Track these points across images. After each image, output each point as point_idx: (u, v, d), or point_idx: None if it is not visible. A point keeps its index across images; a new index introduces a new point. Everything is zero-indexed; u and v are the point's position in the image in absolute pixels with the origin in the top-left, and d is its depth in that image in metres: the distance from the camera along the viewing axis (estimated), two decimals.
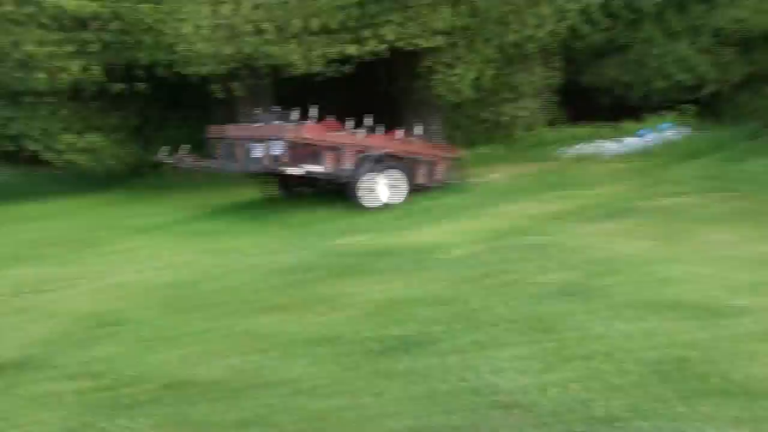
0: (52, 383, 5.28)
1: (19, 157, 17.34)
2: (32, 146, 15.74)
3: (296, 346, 5.70)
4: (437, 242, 8.83)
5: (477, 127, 16.48)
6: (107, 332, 6.31)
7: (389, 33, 13.72)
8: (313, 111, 11.64)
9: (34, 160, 16.62)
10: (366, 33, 13.82)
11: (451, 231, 9.43)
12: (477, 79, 14.84)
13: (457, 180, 12.55)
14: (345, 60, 13.70)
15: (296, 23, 13.41)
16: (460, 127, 16.32)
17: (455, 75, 14.57)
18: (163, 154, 12.34)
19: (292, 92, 14.91)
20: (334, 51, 13.56)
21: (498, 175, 13.25)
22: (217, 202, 12.77)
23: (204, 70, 13.62)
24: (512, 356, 5.11)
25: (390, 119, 13.28)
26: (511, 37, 14.91)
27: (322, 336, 5.88)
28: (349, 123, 11.85)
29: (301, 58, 13.44)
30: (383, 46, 13.75)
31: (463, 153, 13.47)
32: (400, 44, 13.82)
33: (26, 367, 5.61)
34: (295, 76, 13.83)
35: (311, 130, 11.29)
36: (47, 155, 15.79)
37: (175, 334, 6.17)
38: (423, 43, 14.05)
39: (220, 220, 11.35)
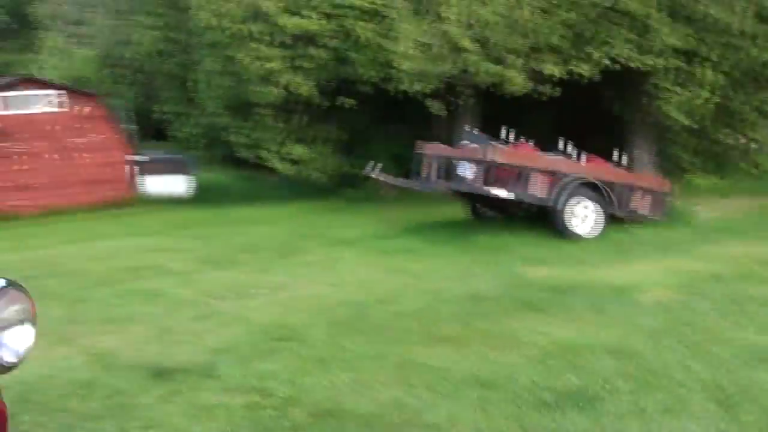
0: (210, 395, 5.41)
1: (246, 163, 18.66)
2: (250, 154, 16.84)
3: (454, 385, 5.43)
4: (629, 282, 8.14)
5: (695, 156, 15.19)
6: (273, 347, 6.41)
7: (615, 51, 12.99)
8: (512, 133, 11.29)
9: (258, 165, 17.77)
10: (590, 50, 13.20)
11: (647, 271, 8.66)
12: (705, 102, 13.67)
13: (663, 214, 11.57)
14: (563, 80, 13.17)
15: (515, 40, 13.10)
16: (674, 156, 15.15)
17: (683, 96, 13.49)
18: (369, 169, 12.60)
19: (501, 111, 14.63)
20: (554, 69, 13.07)
21: (714, 211, 12.07)
22: (413, 220, 12.80)
23: (417, 87, 13.74)
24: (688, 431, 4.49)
25: (598, 144, 12.57)
26: (753, 56, 13.54)
27: (484, 377, 5.56)
28: (554, 146, 11.34)
29: (518, 76, 13.11)
30: (605, 65, 13.04)
31: (673, 184, 12.39)
32: (625, 63, 13.03)
33: (192, 375, 5.81)
34: (506, 94, 13.54)
35: (507, 153, 10.95)
36: (267, 163, 16.81)
37: (335, 356, 6.13)
38: (650, 63, 13.14)
39: (412, 238, 11.31)
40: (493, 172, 10.79)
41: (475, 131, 12.61)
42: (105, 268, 9.91)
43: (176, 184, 17.38)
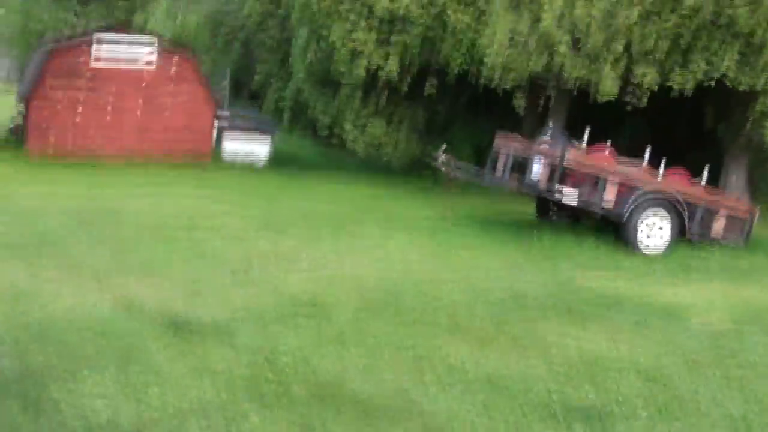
0: (219, 357, 5.38)
1: (326, 136, 18.69)
2: (330, 128, 16.90)
3: (465, 384, 5.23)
4: (683, 304, 7.71)
5: None
6: (297, 320, 6.34)
7: (716, 66, 12.21)
8: (592, 136, 10.86)
9: (338, 140, 17.75)
10: (688, 62, 12.46)
11: (707, 295, 8.17)
12: None
13: (743, 239, 10.90)
14: (659, 90, 12.52)
15: (610, 44, 12.54)
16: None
17: None
18: (438, 155, 12.36)
19: (594, 116, 14.06)
20: (648, 78, 12.43)
21: None
22: (479, 212, 12.54)
23: (503, 80, 13.40)
24: None
25: (692, 161, 11.89)
26: None
27: (499, 380, 5.34)
28: (640, 156, 10.78)
29: (609, 81, 12.55)
30: (703, 80, 12.28)
31: (761, 211, 11.64)
32: (725, 80, 12.25)
33: (208, 335, 5.80)
34: (596, 99, 13.02)
35: (579, 156, 10.52)
36: (345, 139, 16.80)
37: (355, 338, 6.01)
38: (756, 82, 12.28)
39: (472, 230, 11.06)
40: (562, 174, 10.41)
41: (558, 129, 12.17)
42: (164, 222, 10.08)
43: (257, 148, 17.50)
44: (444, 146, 12.22)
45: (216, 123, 17.23)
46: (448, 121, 16.40)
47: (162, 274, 7.48)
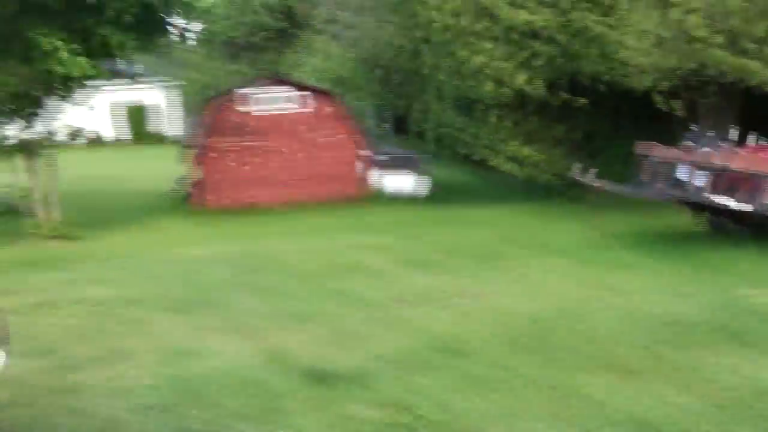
0: (355, 406, 5.31)
1: (478, 161, 18.49)
2: (479, 153, 16.69)
3: (604, 423, 4.88)
4: None
5: None
6: (435, 361, 6.19)
7: None
8: (751, 135, 9.98)
9: (485, 164, 17.51)
10: None
11: None
12: None
13: None
14: None
15: (761, 27, 11.58)
16: None
17: None
18: (576, 172, 11.83)
19: (759, 109, 12.97)
20: None
21: None
22: (631, 229, 11.85)
23: (648, 83, 12.71)
24: None
25: None
26: None
27: (643, 419, 4.95)
28: None
29: (763, 68, 11.58)
30: None
31: None
32: None
33: (345, 382, 5.76)
34: (754, 89, 12.03)
35: (742, 157, 9.67)
36: (492, 162, 16.53)
37: (493, 377, 5.78)
38: None
39: (623, 249, 10.44)
40: (724, 179, 9.62)
41: (708, 131, 11.33)
42: (308, 264, 10.29)
43: (407, 182, 17.58)
44: (581, 166, 11.66)
45: (367, 161, 17.48)
46: (601, 134, 15.72)
47: (302, 320, 7.57)
